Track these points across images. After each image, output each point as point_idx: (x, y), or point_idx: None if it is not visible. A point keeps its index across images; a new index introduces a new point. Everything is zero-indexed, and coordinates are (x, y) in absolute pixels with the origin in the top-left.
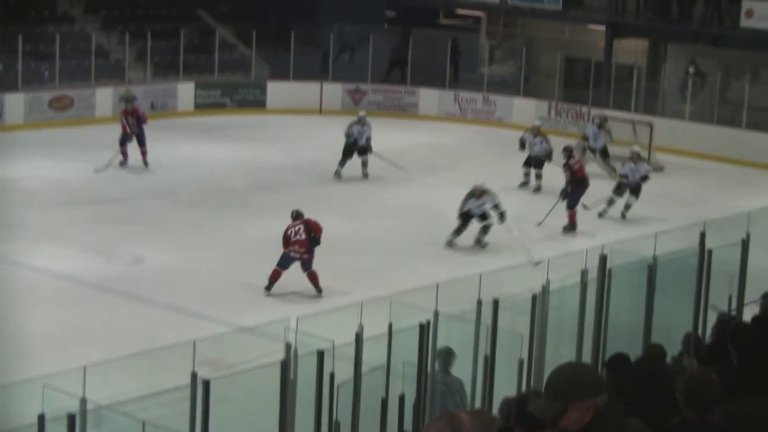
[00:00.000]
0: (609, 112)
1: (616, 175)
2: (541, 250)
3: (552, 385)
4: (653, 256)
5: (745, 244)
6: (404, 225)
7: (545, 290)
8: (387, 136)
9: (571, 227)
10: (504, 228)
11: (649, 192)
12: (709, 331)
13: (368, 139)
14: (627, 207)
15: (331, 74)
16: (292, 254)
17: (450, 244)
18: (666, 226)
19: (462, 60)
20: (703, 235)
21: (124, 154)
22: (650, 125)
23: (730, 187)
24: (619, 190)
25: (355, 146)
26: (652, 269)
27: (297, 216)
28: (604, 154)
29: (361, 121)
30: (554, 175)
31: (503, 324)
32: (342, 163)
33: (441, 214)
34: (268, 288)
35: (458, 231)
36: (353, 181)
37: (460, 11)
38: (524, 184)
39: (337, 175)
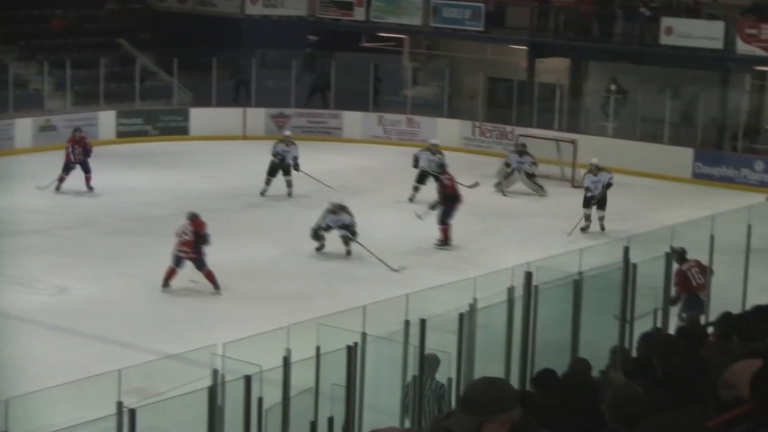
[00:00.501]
0: (533, 131)
1: (544, 193)
2: (467, 268)
3: (468, 401)
4: (579, 271)
5: (669, 258)
6: (330, 248)
7: (472, 308)
8: (312, 160)
9: (443, 241)
10: (355, 245)
11: (573, 208)
12: (635, 345)
13: (295, 159)
14: (601, 219)
15: (254, 100)
16: (179, 254)
17: (318, 250)
18: (591, 241)
19: (384, 83)
20: (627, 250)
21: (62, 180)
22: (574, 143)
23: (653, 202)
24: (587, 203)
25: (281, 165)
26: (577, 285)
27: (190, 218)
28: (530, 174)
29: (286, 141)
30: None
31: (431, 343)
32: (267, 181)
33: (367, 236)
34: (164, 284)
35: (318, 239)
36: (279, 204)
37: (383, 34)
38: (412, 199)
39: (263, 193)
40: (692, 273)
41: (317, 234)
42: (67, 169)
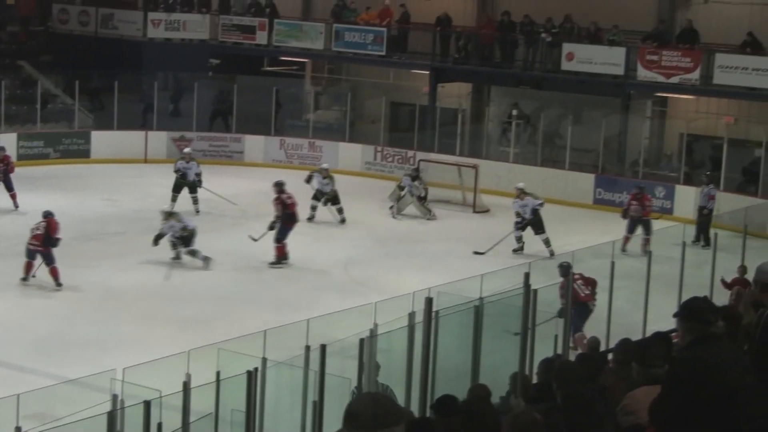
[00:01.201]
0: (434, 156)
1: (432, 217)
2: (368, 293)
3: (353, 417)
4: (479, 297)
5: (570, 283)
6: (231, 271)
7: (373, 334)
8: (214, 183)
9: (278, 260)
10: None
11: (475, 233)
12: (536, 370)
13: (197, 175)
14: (546, 243)
15: (155, 123)
16: (30, 246)
17: (177, 257)
18: (492, 266)
19: (287, 107)
20: (527, 276)
21: None
22: (475, 168)
23: (554, 227)
24: (518, 227)
25: (185, 183)
26: (478, 310)
27: (44, 215)
28: (421, 197)
29: (186, 158)
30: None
31: (331, 369)
32: (173, 198)
33: (268, 259)
34: (24, 278)
35: (173, 248)
36: None
37: (285, 58)
38: (311, 218)
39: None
40: (578, 285)
41: (157, 241)
42: None
